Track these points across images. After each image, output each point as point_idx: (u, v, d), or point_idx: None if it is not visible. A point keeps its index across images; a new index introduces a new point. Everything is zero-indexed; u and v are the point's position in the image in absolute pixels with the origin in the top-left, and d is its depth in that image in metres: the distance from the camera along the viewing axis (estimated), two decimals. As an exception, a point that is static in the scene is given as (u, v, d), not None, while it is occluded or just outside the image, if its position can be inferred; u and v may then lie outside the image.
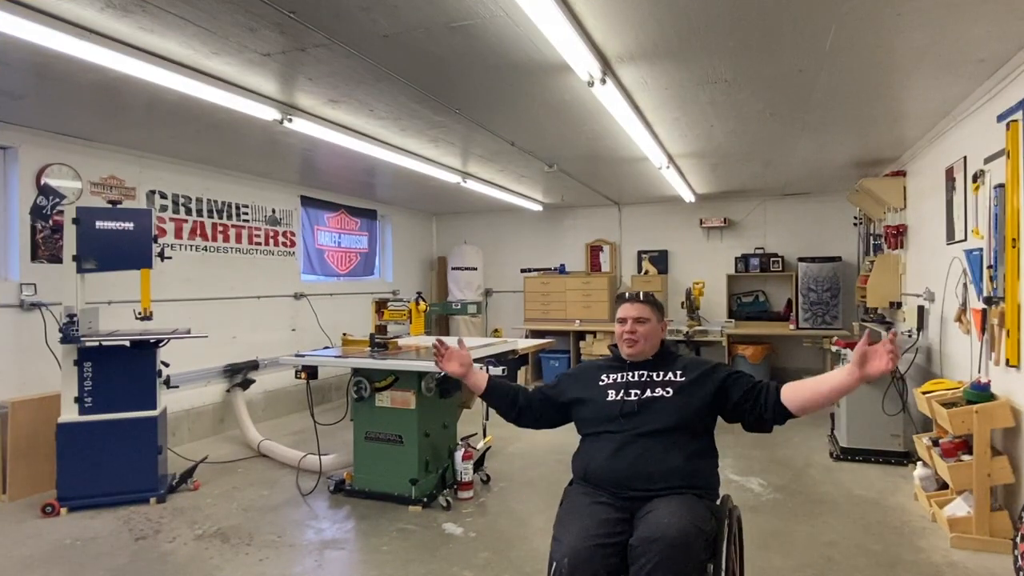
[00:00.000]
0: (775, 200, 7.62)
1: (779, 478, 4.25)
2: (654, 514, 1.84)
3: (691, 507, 1.86)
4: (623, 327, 2.19)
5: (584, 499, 1.98)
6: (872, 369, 1.77)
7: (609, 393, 2.12)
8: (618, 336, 2.22)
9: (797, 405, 1.95)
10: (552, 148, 4.97)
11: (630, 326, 2.16)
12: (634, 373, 2.15)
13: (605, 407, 2.10)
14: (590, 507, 1.93)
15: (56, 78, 3.26)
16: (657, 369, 2.14)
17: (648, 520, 1.83)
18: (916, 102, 3.83)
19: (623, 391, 2.10)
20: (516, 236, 8.91)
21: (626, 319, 2.18)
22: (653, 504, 1.89)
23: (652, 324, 2.18)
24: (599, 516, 1.88)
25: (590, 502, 1.95)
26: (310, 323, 6.67)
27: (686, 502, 1.88)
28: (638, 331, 2.16)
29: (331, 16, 2.59)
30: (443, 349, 2.30)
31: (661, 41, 2.87)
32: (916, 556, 3.08)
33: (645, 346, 2.17)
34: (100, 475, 3.74)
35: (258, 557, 3.13)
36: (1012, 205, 3.12)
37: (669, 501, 1.88)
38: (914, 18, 2.65)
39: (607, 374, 2.19)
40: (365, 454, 3.93)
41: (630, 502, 1.94)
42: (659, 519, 1.80)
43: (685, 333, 7.23)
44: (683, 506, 1.85)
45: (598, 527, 1.83)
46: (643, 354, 2.17)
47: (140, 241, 3.84)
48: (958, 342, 3.98)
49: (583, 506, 1.95)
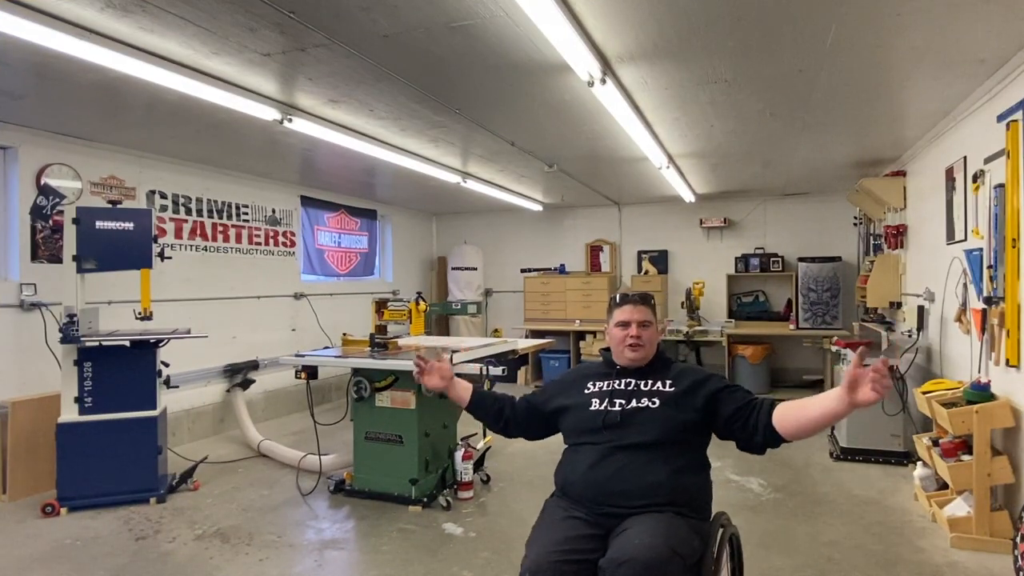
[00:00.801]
0: (775, 200, 7.62)
1: (779, 478, 4.25)
2: (626, 534, 1.72)
3: (669, 527, 1.72)
4: (625, 331, 2.04)
5: (558, 512, 1.89)
6: (861, 397, 1.62)
7: (593, 402, 2.01)
8: (618, 341, 2.06)
9: (789, 431, 1.81)
10: (552, 148, 4.97)
11: (635, 330, 2.02)
12: (621, 381, 2.03)
13: (587, 417, 1.99)
14: (562, 521, 1.84)
15: (56, 78, 3.26)
16: (647, 378, 2.02)
17: (619, 540, 1.72)
18: (916, 102, 3.83)
19: (607, 400, 1.99)
20: (516, 236, 8.91)
21: (629, 323, 2.04)
22: (629, 522, 1.77)
23: (654, 327, 2.07)
24: (569, 531, 1.78)
25: (563, 516, 1.86)
26: (310, 323, 6.67)
27: (664, 521, 1.75)
28: (643, 336, 2.03)
29: (331, 16, 2.59)
30: (424, 364, 2.19)
31: (661, 41, 2.87)
32: (916, 556, 3.08)
33: (648, 351, 2.05)
34: (100, 475, 3.74)
35: (258, 557, 3.13)
36: (1012, 205, 3.12)
37: (645, 520, 1.75)
38: (914, 18, 2.65)
39: (594, 381, 2.08)
40: (365, 454, 3.93)
41: (606, 518, 1.83)
42: (630, 540, 1.68)
43: (685, 333, 7.24)
44: (660, 526, 1.72)
45: (566, 542, 1.74)
46: (646, 359, 2.05)
47: (140, 241, 3.84)
48: (958, 342, 3.98)
49: (555, 519, 1.86)
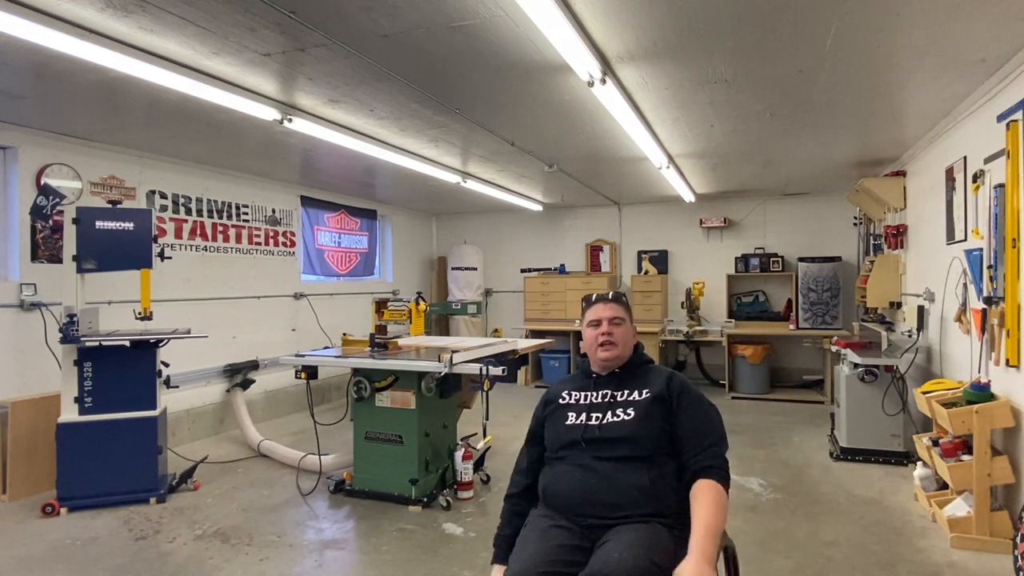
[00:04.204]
0: (775, 200, 7.62)
1: (779, 478, 4.25)
2: (606, 547, 1.67)
3: (651, 539, 1.67)
4: (596, 330, 2.01)
5: (543, 522, 1.83)
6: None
7: (569, 415, 1.95)
8: (591, 341, 2.02)
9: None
10: (552, 148, 4.97)
11: (606, 327, 2.00)
12: (597, 394, 1.97)
13: (563, 431, 1.93)
14: (547, 531, 1.78)
15: (56, 78, 3.26)
16: (622, 388, 1.96)
17: (600, 553, 1.67)
18: (916, 102, 3.83)
19: (584, 414, 1.93)
20: (516, 236, 8.91)
21: (600, 320, 2.01)
22: (611, 534, 1.72)
23: (627, 326, 2.03)
24: (555, 541, 1.74)
25: (548, 525, 1.80)
26: (310, 323, 6.67)
27: (647, 533, 1.69)
28: (615, 332, 2.00)
29: (331, 16, 2.59)
30: None
31: (661, 41, 2.87)
32: (916, 556, 3.08)
33: (622, 350, 2.00)
34: (100, 475, 3.74)
35: (258, 557, 3.13)
36: (1012, 205, 3.12)
37: (629, 532, 1.69)
38: (914, 18, 2.65)
39: (570, 391, 2.02)
40: (365, 454, 3.93)
41: (590, 530, 1.77)
42: (610, 553, 1.63)
43: (685, 333, 7.24)
44: (642, 538, 1.66)
45: (551, 552, 1.70)
46: (619, 359, 2.01)
47: (140, 241, 3.84)
48: (958, 342, 3.98)
49: (540, 529, 1.80)
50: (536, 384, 8.02)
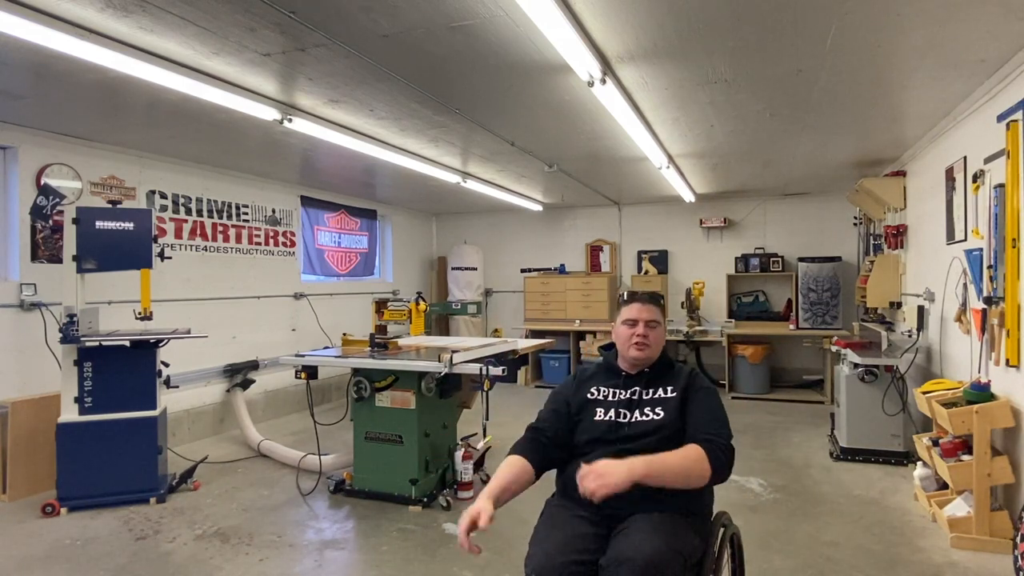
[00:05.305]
0: (775, 200, 7.62)
1: (779, 478, 4.25)
2: (627, 533, 1.72)
3: (670, 527, 1.73)
4: (632, 329, 2.03)
5: (562, 512, 1.88)
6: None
7: (598, 411, 1.99)
8: (624, 339, 2.05)
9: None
10: (552, 148, 4.97)
11: (642, 329, 2.02)
12: (626, 391, 2.01)
13: (592, 427, 1.97)
14: (568, 521, 1.83)
15: (56, 78, 3.26)
16: (650, 387, 2.01)
17: (620, 539, 1.72)
18: (916, 102, 3.83)
19: (613, 410, 1.98)
20: (516, 236, 8.91)
21: (637, 321, 2.03)
22: (629, 522, 1.77)
23: (661, 328, 2.07)
24: (575, 530, 1.78)
25: (569, 515, 1.85)
26: (310, 323, 6.67)
27: (666, 520, 1.75)
28: (650, 335, 2.02)
29: (331, 16, 2.59)
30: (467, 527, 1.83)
31: (661, 41, 2.87)
32: (916, 556, 3.08)
33: (653, 352, 2.04)
34: (100, 475, 3.74)
35: (258, 557, 3.13)
36: (1012, 205, 3.12)
37: (646, 520, 1.75)
38: (914, 18, 2.65)
39: (597, 387, 2.06)
40: (365, 454, 3.93)
41: (609, 518, 1.82)
42: (631, 539, 1.69)
43: (685, 333, 7.24)
44: (661, 525, 1.72)
45: (572, 541, 1.74)
46: (649, 360, 2.05)
47: (140, 241, 3.84)
48: (958, 342, 3.98)
49: (561, 519, 1.85)
50: (536, 384, 8.02)
